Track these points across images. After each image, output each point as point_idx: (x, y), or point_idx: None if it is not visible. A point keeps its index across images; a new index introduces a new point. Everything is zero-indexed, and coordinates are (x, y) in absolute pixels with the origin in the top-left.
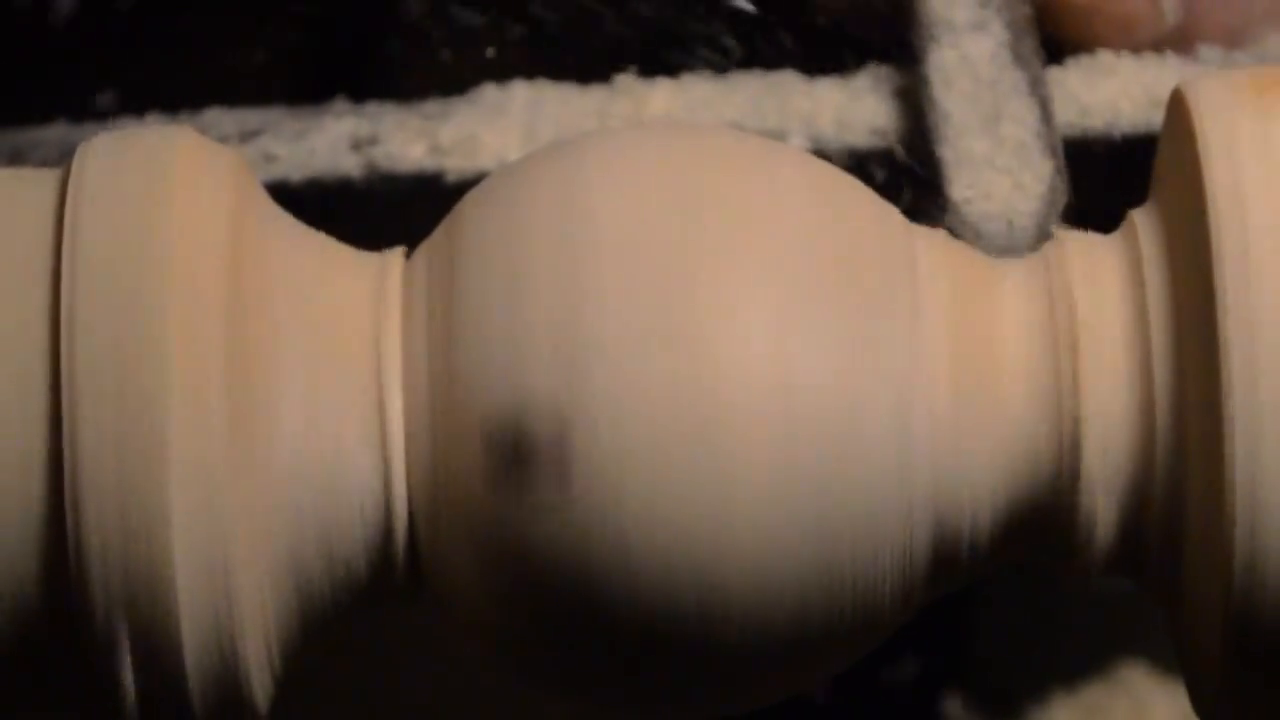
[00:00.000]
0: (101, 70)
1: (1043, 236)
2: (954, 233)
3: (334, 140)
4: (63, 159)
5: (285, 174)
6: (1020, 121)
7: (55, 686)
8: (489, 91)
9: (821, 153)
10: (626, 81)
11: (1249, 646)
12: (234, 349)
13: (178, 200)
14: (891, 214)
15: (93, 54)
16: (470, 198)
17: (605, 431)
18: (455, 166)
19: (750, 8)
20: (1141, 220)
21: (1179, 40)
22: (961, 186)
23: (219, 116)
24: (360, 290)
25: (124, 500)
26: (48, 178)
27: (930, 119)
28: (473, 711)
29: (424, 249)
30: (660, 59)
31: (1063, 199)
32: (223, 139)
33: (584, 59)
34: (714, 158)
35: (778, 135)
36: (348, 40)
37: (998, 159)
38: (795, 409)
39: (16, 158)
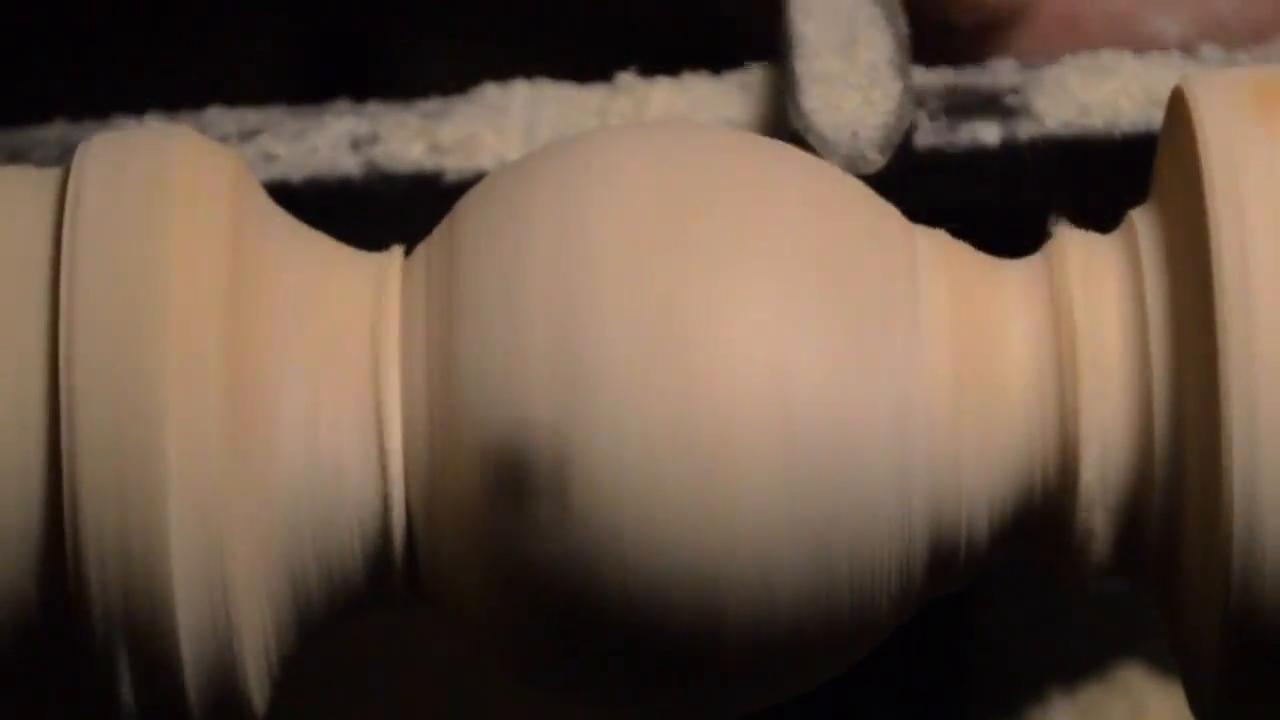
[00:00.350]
0: (100, 69)
1: (887, 150)
2: (802, 141)
3: (333, 139)
4: (62, 159)
5: (285, 173)
6: (874, 47)
7: (54, 695)
8: (489, 90)
9: None
10: (627, 80)
11: (1246, 648)
12: (233, 351)
13: (177, 200)
14: (891, 214)
15: (92, 53)
16: (470, 198)
17: (604, 449)
18: (455, 166)
19: None
20: (1141, 220)
21: (1031, 20)
22: (812, 97)
23: (219, 116)
24: (359, 292)
25: (122, 507)
26: (47, 177)
27: (788, 42)
28: (471, 712)
29: (423, 249)
30: (660, 58)
31: (909, 117)
32: (222, 138)
33: (584, 58)
34: (713, 159)
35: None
36: (347, 39)
37: (850, 76)
38: (794, 412)
39: (16, 157)
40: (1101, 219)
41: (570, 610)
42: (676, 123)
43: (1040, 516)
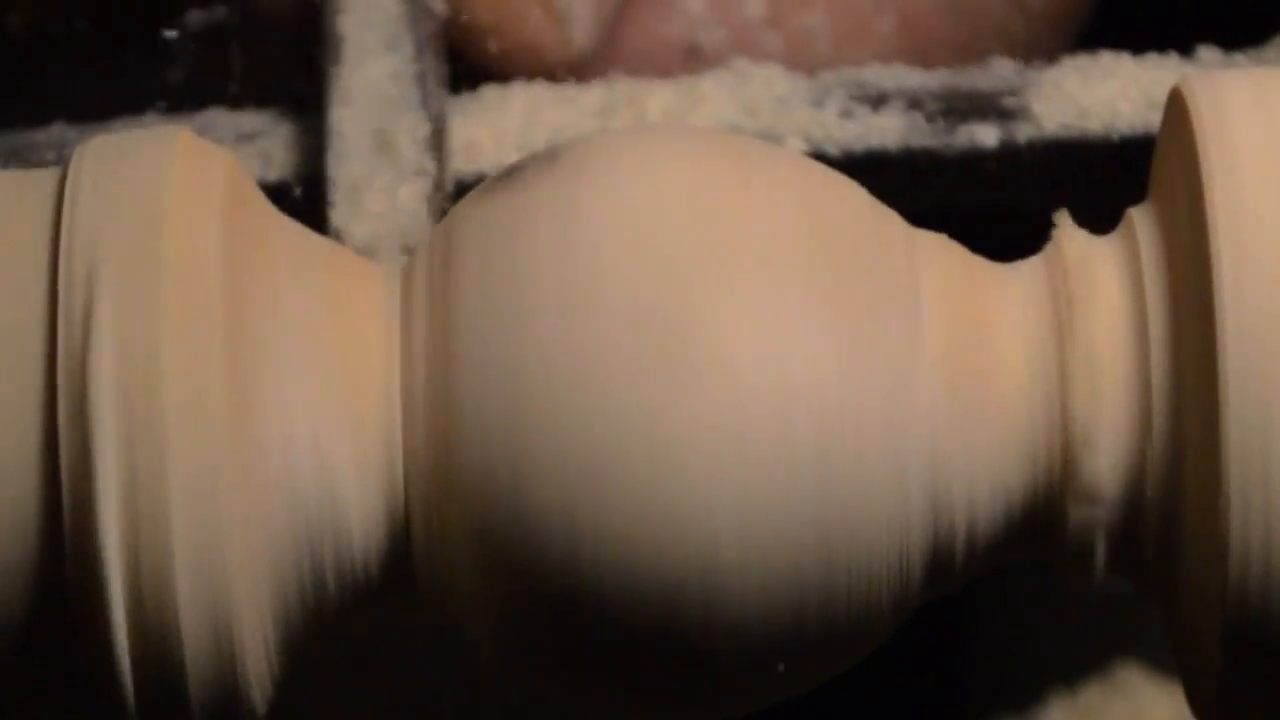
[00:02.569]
0: (101, 70)
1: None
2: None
3: None
4: (61, 160)
5: (283, 175)
6: (408, 133)
7: (55, 690)
8: (488, 92)
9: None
10: (626, 83)
11: (1246, 647)
12: (232, 352)
13: (174, 202)
14: (890, 216)
15: (91, 54)
16: (468, 201)
17: (604, 444)
18: (454, 168)
19: None
20: (1140, 220)
21: (599, 67)
22: (341, 211)
23: (217, 117)
24: (358, 294)
25: (123, 503)
26: (46, 179)
27: (324, 141)
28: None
29: (422, 251)
30: None
31: (439, 206)
32: (221, 140)
33: None
34: (712, 163)
35: (775, 138)
36: None
37: (378, 178)
38: (793, 414)
39: (15, 158)
40: (1101, 221)
41: (567, 591)
42: (674, 126)
43: (1039, 516)
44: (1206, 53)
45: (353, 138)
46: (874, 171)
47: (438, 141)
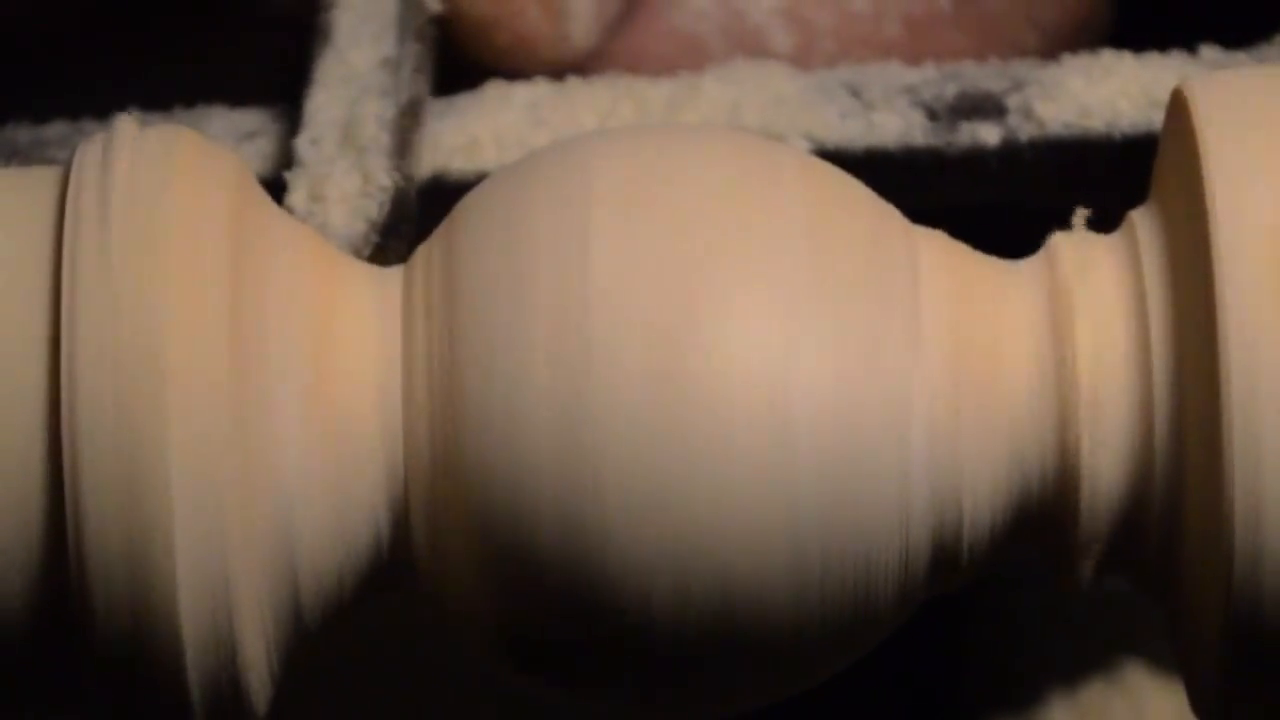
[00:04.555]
0: (101, 69)
1: (389, 234)
2: None
3: None
4: (62, 159)
5: (279, 172)
6: (374, 121)
7: (55, 688)
8: (489, 91)
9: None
10: (628, 81)
11: (1248, 646)
12: (234, 350)
13: (178, 201)
14: (892, 214)
15: (92, 53)
16: (470, 200)
17: (606, 457)
18: (455, 167)
19: None
20: (1141, 221)
21: (597, 65)
22: (300, 198)
23: (219, 116)
24: (360, 292)
25: (125, 501)
26: (48, 177)
27: (296, 130)
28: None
29: (423, 251)
30: None
31: (402, 196)
32: (221, 139)
33: None
34: (713, 161)
35: (776, 137)
36: None
37: (340, 162)
38: (793, 411)
39: (16, 157)
40: (1102, 220)
41: (568, 596)
42: (676, 125)
43: (1041, 516)
44: (1208, 51)
45: (323, 126)
46: (875, 170)
47: (407, 125)
